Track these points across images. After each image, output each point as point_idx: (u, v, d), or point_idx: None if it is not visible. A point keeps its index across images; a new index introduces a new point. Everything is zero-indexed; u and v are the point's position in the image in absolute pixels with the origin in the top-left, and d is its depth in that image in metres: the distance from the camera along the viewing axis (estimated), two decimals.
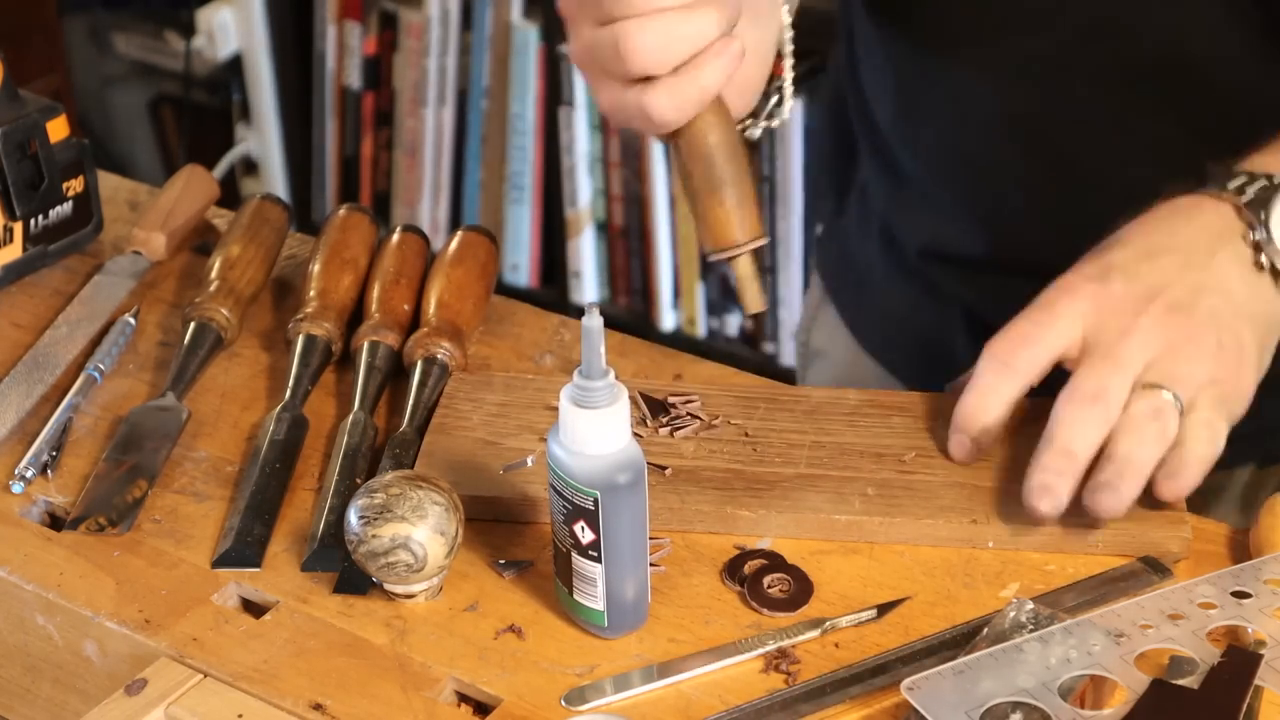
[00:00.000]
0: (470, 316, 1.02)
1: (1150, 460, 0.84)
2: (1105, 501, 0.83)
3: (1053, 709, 0.71)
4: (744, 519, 0.87)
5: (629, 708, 0.76)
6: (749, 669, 0.78)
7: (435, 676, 0.79)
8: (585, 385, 0.74)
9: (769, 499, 0.87)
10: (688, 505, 0.87)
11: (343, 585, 0.84)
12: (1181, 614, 0.77)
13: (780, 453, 0.90)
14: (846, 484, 0.88)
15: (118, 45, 2.79)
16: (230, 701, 0.78)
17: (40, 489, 0.92)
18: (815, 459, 0.89)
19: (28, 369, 1.01)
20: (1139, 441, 0.84)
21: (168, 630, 0.82)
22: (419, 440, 0.93)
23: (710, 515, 0.87)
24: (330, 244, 1.06)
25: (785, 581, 0.83)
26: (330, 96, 2.62)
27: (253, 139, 2.71)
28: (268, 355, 1.04)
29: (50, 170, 1.10)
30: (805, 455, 0.90)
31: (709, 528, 0.87)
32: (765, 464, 0.90)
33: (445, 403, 0.95)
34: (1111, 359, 0.85)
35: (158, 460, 0.93)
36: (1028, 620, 0.76)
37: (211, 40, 2.62)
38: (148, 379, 1.02)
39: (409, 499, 0.79)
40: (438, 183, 2.58)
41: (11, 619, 0.87)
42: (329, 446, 0.94)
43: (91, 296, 1.08)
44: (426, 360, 0.97)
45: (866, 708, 0.76)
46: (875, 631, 0.80)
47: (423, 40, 2.50)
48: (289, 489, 0.91)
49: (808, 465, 0.89)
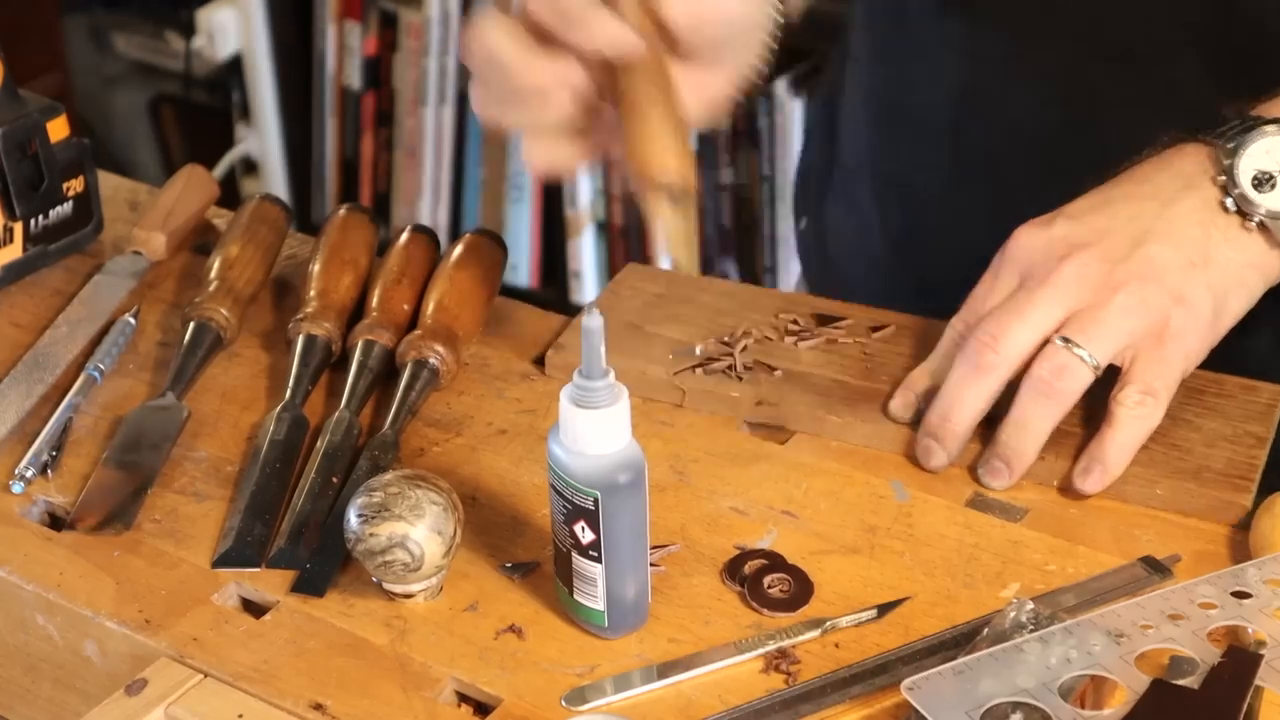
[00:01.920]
0: (469, 322, 1.01)
1: (1043, 429, 0.83)
2: (992, 476, 0.84)
3: (1053, 709, 0.71)
4: (831, 423, 0.93)
5: (629, 708, 0.76)
6: (749, 669, 0.78)
7: (435, 676, 0.79)
8: (585, 385, 0.74)
9: (860, 408, 0.93)
10: (785, 404, 0.94)
11: (301, 585, 0.84)
12: (1182, 614, 0.77)
13: (889, 372, 0.95)
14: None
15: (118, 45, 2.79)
16: (230, 701, 0.78)
17: (40, 489, 0.92)
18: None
19: (28, 369, 1.01)
20: (1034, 408, 0.83)
21: (168, 630, 0.82)
22: (399, 443, 0.93)
23: (804, 416, 0.93)
24: (330, 244, 1.06)
25: (785, 581, 0.83)
26: (330, 96, 2.62)
27: (253, 139, 2.71)
28: (268, 355, 1.04)
29: (50, 170, 1.10)
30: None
31: (802, 428, 0.93)
32: (872, 380, 0.95)
33: (612, 287, 1.05)
34: (1017, 308, 0.84)
35: (158, 460, 0.93)
36: (1028, 620, 0.76)
37: (211, 40, 2.62)
38: (148, 379, 1.02)
39: (407, 498, 0.80)
40: (438, 183, 2.58)
41: (11, 619, 0.87)
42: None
43: (91, 296, 1.08)
44: (417, 363, 0.97)
45: (866, 708, 0.76)
46: (875, 631, 0.80)
47: (423, 40, 2.50)
48: (289, 489, 0.91)
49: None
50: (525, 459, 0.93)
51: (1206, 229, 0.85)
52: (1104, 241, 0.84)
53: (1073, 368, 0.84)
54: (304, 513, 0.88)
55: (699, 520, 0.88)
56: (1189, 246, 0.84)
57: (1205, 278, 0.85)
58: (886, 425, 0.92)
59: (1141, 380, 0.85)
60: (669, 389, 0.96)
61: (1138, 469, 0.87)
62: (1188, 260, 0.84)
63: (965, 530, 0.87)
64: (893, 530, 0.87)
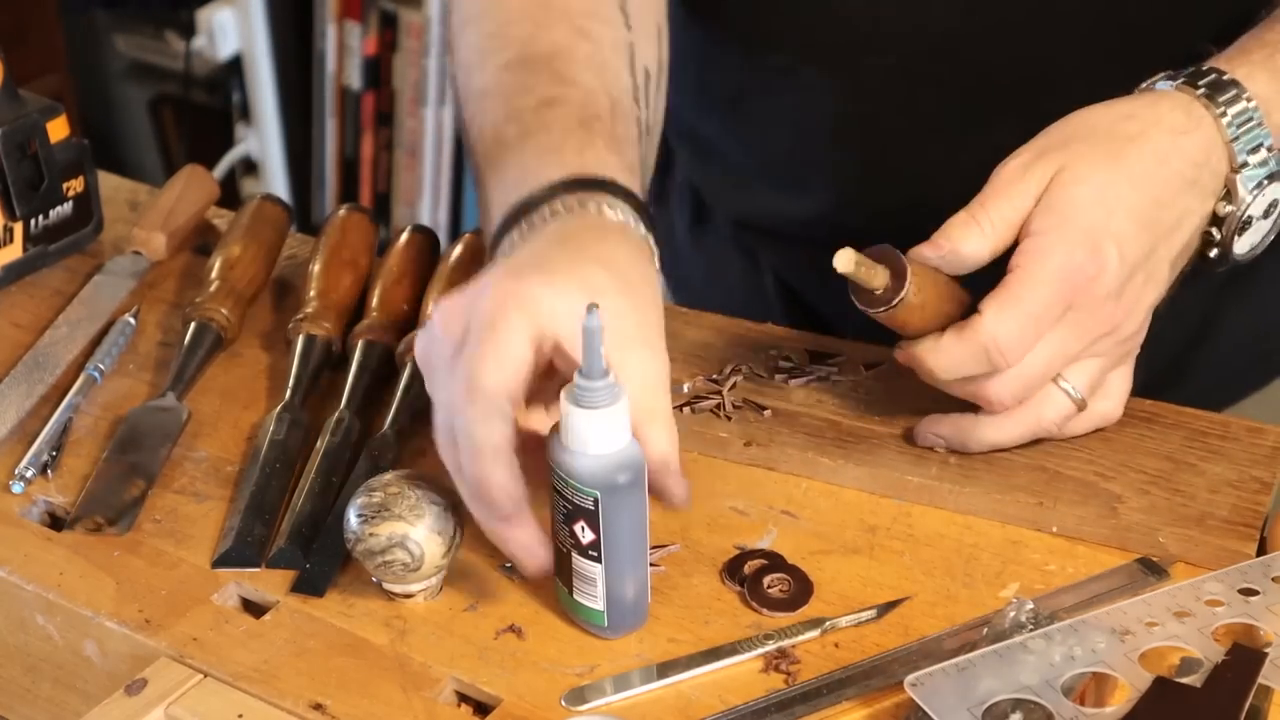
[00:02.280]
0: None
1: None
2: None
3: (1055, 706, 0.71)
4: (824, 466, 0.90)
5: (629, 708, 0.76)
6: (749, 669, 0.78)
7: (435, 676, 0.79)
8: (586, 385, 0.74)
9: (853, 451, 0.90)
10: (775, 445, 0.91)
11: (300, 585, 0.84)
12: (1188, 611, 0.77)
13: (884, 411, 0.93)
14: (930, 449, 0.90)
15: (118, 45, 2.79)
16: (230, 701, 0.78)
17: (40, 489, 0.92)
18: (914, 422, 0.91)
19: (28, 369, 1.01)
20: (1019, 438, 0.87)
21: (168, 630, 0.82)
22: (398, 442, 0.93)
23: (794, 458, 0.91)
24: (330, 244, 1.06)
25: (785, 581, 0.83)
26: (330, 96, 2.62)
27: (253, 139, 2.71)
28: (268, 355, 1.04)
29: (50, 170, 1.10)
30: (906, 419, 0.92)
31: (793, 470, 0.91)
32: (865, 420, 0.93)
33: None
34: (1064, 358, 0.85)
35: (158, 460, 0.93)
36: (1027, 620, 0.76)
37: (211, 40, 2.62)
38: (148, 379, 1.02)
39: (407, 498, 0.79)
40: (438, 183, 2.58)
41: (11, 619, 0.87)
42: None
43: (91, 296, 1.08)
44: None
45: (866, 708, 0.76)
46: (875, 631, 0.80)
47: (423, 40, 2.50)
48: (289, 489, 0.91)
49: (904, 427, 0.91)
50: None
51: (1188, 254, 0.86)
52: (1134, 305, 0.84)
53: (1071, 411, 0.87)
54: (304, 513, 0.88)
55: (699, 520, 0.88)
56: (1173, 273, 0.86)
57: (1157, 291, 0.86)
58: (881, 468, 0.89)
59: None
60: None
61: (1140, 516, 0.85)
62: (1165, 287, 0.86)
63: (965, 530, 0.87)
64: (892, 530, 0.87)
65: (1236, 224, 0.85)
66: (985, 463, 0.89)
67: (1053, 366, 0.84)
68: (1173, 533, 0.84)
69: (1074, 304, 0.82)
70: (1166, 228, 0.84)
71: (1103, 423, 0.89)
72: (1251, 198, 0.85)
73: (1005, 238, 0.83)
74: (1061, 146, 0.84)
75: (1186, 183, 0.84)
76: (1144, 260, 0.83)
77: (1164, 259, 0.84)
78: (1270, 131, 0.84)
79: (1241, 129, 0.84)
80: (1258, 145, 0.84)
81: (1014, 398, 0.85)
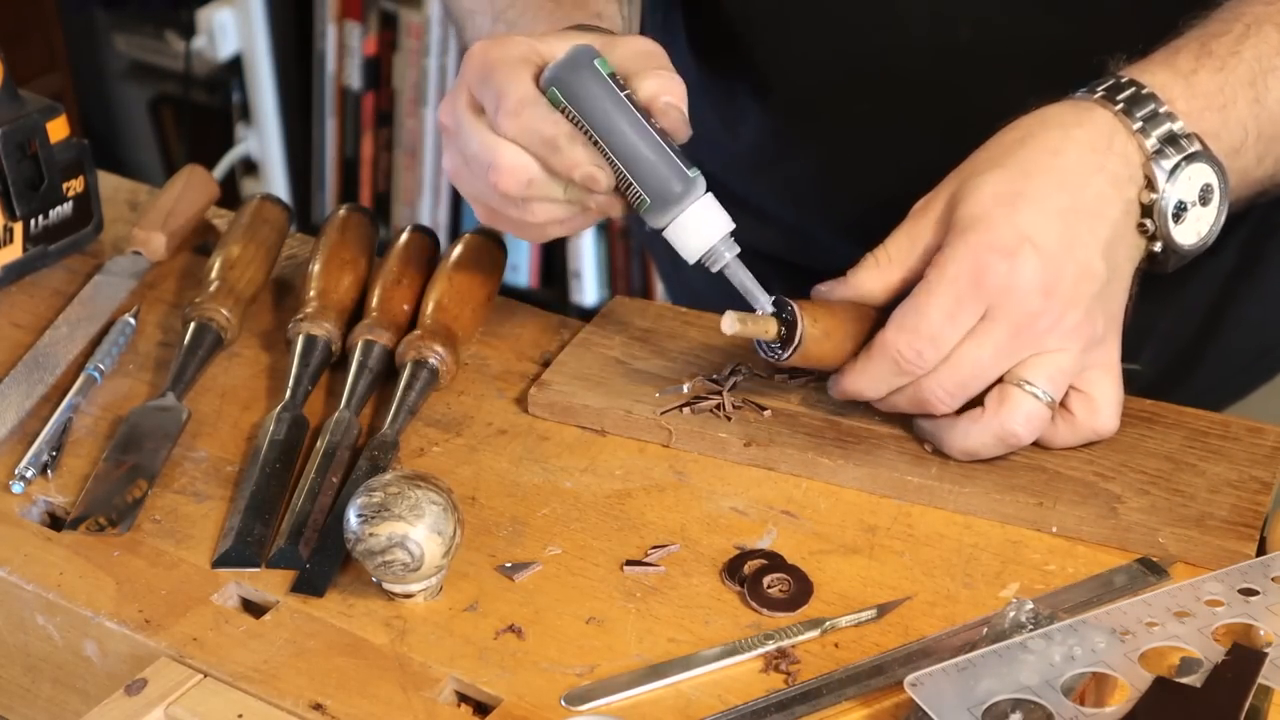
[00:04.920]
0: (468, 322, 1.01)
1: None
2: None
3: (1055, 706, 0.71)
4: (823, 466, 0.90)
5: (629, 708, 0.76)
6: (749, 669, 0.78)
7: (435, 676, 0.79)
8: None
9: (853, 452, 0.90)
10: (775, 445, 0.91)
11: (300, 585, 0.84)
12: (1188, 611, 0.77)
13: (884, 411, 0.92)
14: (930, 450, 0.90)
15: (118, 45, 2.79)
16: (230, 701, 0.78)
17: (40, 489, 0.92)
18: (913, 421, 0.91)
19: (28, 369, 1.01)
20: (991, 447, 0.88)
21: (168, 630, 0.82)
22: (398, 443, 0.93)
23: (794, 458, 0.91)
24: (330, 244, 1.06)
25: (785, 581, 0.83)
26: (330, 96, 2.62)
27: (253, 139, 2.71)
28: (268, 355, 1.04)
29: (50, 170, 1.10)
30: (905, 419, 0.91)
31: (793, 470, 0.91)
32: (865, 420, 0.92)
33: (597, 321, 1.04)
34: (997, 364, 0.85)
35: (158, 460, 0.93)
36: (1027, 620, 0.76)
37: (211, 40, 2.62)
38: (148, 379, 1.02)
39: (407, 498, 0.79)
40: (438, 183, 2.58)
41: (11, 619, 0.87)
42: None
43: (91, 296, 1.08)
44: (416, 363, 0.97)
45: (866, 708, 0.76)
46: (875, 631, 0.80)
47: (423, 40, 2.50)
48: (289, 489, 0.91)
49: (904, 426, 0.91)
50: (525, 459, 0.93)
51: (1127, 246, 0.86)
52: (1072, 295, 0.84)
53: (1039, 411, 0.86)
54: (304, 513, 0.88)
55: (699, 520, 0.88)
56: (1112, 271, 0.86)
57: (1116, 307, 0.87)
58: (880, 468, 0.89)
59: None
60: (655, 429, 0.93)
61: (1140, 516, 0.85)
62: (1117, 315, 0.87)
63: (965, 530, 0.87)
64: (892, 530, 0.87)
65: (1168, 211, 0.85)
66: (985, 463, 0.89)
67: (987, 364, 0.85)
68: (1173, 533, 0.84)
69: (993, 303, 0.83)
70: (1082, 213, 0.84)
71: (1094, 436, 0.89)
72: (1170, 182, 0.85)
73: (911, 268, 0.87)
74: (956, 174, 0.87)
75: (1090, 168, 0.84)
76: (1068, 248, 0.84)
77: (1091, 246, 0.84)
78: (1180, 117, 0.85)
79: (1143, 116, 0.85)
80: (1167, 131, 0.85)
81: (951, 396, 0.86)
